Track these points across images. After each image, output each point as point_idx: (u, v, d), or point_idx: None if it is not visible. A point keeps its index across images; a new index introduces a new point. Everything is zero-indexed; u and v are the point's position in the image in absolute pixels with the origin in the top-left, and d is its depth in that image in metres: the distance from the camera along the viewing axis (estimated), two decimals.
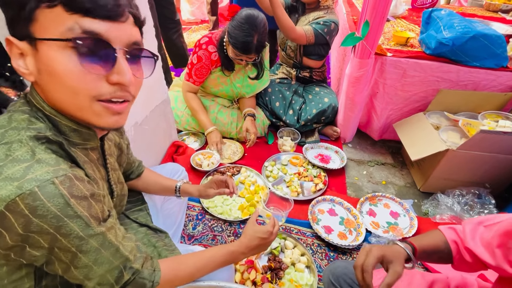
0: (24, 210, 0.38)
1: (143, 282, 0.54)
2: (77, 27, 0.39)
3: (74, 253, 0.43)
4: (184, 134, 1.71)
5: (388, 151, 1.76)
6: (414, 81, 1.49)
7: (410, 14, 2.32)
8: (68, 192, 0.41)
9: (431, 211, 1.35)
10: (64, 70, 0.41)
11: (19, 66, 0.43)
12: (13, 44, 0.41)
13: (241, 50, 1.34)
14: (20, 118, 0.44)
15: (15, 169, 0.39)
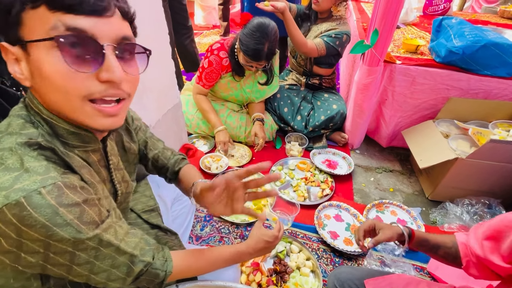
0: (12, 220, 0.38)
1: (156, 272, 0.56)
2: (60, 25, 0.39)
3: (71, 253, 0.44)
4: (194, 137, 1.76)
5: (396, 158, 1.75)
6: (423, 89, 1.48)
7: (421, 21, 2.31)
8: (56, 201, 0.40)
9: (440, 220, 1.34)
10: (52, 70, 0.40)
11: (15, 72, 0.43)
12: (8, 50, 0.42)
13: (252, 57, 1.38)
14: (15, 123, 0.44)
15: (5, 178, 0.39)
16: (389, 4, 1.25)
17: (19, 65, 0.43)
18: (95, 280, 0.49)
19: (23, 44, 0.41)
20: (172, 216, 1.08)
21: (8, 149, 0.41)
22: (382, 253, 1.15)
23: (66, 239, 0.42)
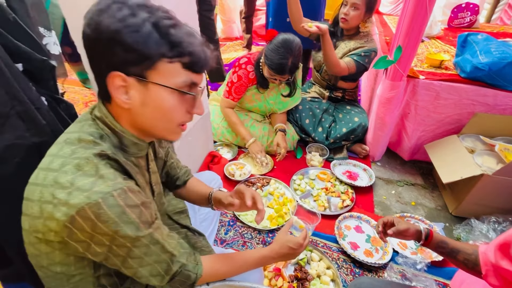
0: (91, 216, 0.47)
1: (188, 274, 0.63)
2: (188, 80, 0.54)
3: (129, 247, 0.53)
4: (218, 145, 1.85)
5: (419, 172, 1.74)
6: (447, 104, 1.49)
7: (446, 34, 2.29)
8: (124, 202, 0.50)
9: (464, 237, 1.32)
10: (170, 107, 0.55)
11: (119, 96, 0.53)
12: (119, 78, 0.50)
13: (276, 71, 1.45)
14: (87, 139, 0.54)
15: (84, 181, 0.48)
16: (414, 19, 1.28)
17: (127, 93, 0.53)
18: (140, 274, 0.57)
19: (144, 80, 0.52)
20: (200, 219, 1.15)
21: (85, 158, 0.50)
22: (403, 266, 1.15)
23: (128, 235, 0.51)
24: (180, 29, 0.52)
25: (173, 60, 0.51)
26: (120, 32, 0.48)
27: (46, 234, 0.50)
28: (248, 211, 0.97)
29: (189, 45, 0.52)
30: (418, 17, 1.27)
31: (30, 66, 0.76)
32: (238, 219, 1.36)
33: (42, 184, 0.50)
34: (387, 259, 1.18)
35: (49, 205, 0.48)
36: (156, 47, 0.49)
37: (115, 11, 0.48)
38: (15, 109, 0.66)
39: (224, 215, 1.40)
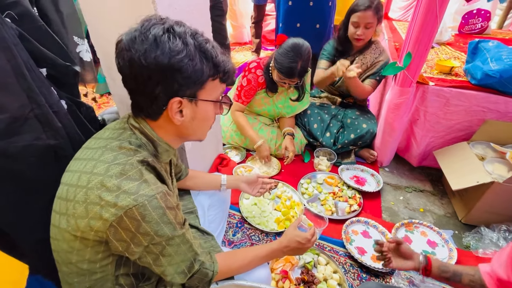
0: (137, 217, 0.52)
1: (206, 271, 0.67)
2: (221, 91, 0.66)
3: (163, 245, 0.58)
4: (227, 148, 1.87)
5: (428, 178, 1.73)
6: (457, 110, 1.48)
7: (457, 40, 2.28)
8: (165, 204, 0.56)
9: (473, 245, 1.30)
10: (212, 116, 0.67)
11: (176, 116, 0.60)
12: (177, 102, 0.58)
13: (285, 74, 1.47)
14: (128, 147, 0.60)
15: (130, 185, 0.54)
16: (424, 26, 1.29)
17: (181, 113, 0.61)
18: (168, 271, 0.61)
19: (194, 99, 0.61)
20: (208, 220, 1.18)
21: (129, 164, 0.57)
22: (411, 272, 1.15)
23: (165, 234, 0.56)
24: (216, 49, 0.60)
25: (215, 77, 0.61)
26: (180, 63, 0.54)
27: (86, 233, 0.55)
28: None
29: (225, 63, 0.61)
30: (428, 24, 1.28)
31: (54, 71, 0.80)
32: (246, 221, 1.38)
33: (87, 187, 0.54)
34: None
35: (96, 206, 0.52)
36: (206, 71, 0.58)
37: (169, 43, 0.54)
38: (34, 112, 0.70)
39: (232, 217, 1.42)
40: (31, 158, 0.71)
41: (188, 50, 0.55)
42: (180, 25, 0.58)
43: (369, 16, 1.52)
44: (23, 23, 0.72)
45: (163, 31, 0.54)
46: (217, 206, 1.20)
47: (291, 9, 2.06)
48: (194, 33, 0.59)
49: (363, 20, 1.54)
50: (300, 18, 2.06)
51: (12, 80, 0.64)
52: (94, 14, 0.93)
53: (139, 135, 0.63)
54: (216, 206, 1.20)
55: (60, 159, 0.76)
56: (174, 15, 0.94)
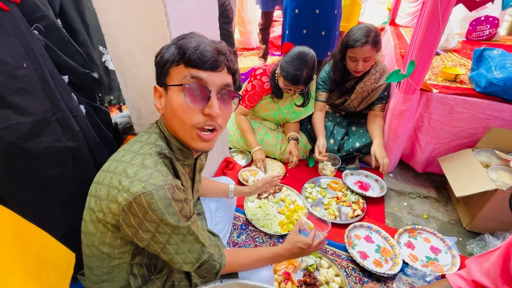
0: (144, 203, 0.56)
1: (214, 263, 0.71)
2: (188, 75, 0.61)
3: (169, 234, 0.61)
4: (233, 151, 1.92)
5: (432, 184, 1.73)
6: (462, 117, 1.49)
7: (463, 47, 2.28)
8: (171, 196, 0.59)
9: (477, 252, 1.30)
10: (177, 105, 0.62)
11: (157, 103, 0.66)
12: (157, 89, 0.66)
13: (291, 82, 1.52)
14: (153, 137, 0.67)
15: (144, 173, 0.58)
16: (427, 35, 1.31)
17: (160, 100, 0.66)
18: (176, 260, 0.65)
19: (166, 86, 0.64)
20: (215, 221, 1.22)
21: (149, 154, 0.62)
22: (413, 278, 1.16)
23: (170, 224, 0.59)
24: (192, 38, 0.62)
25: (179, 63, 0.61)
26: (156, 57, 0.65)
27: (107, 215, 0.60)
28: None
29: (189, 46, 0.60)
30: (431, 32, 1.30)
31: (75, 78, 0.87)
32: (250, 223, 1.41)
33: (113, 171, 0.60)
34: (396, 270, 1.18)
35: (115, 190, 0.57)
36: (169, 57, 0.62)
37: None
38: (55, 116, 0.76)
39: (237, 219, 1.45)
40: (51, 158, 0.77)
41: (168, 45, 0.63)
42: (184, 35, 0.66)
43: (367, 51, 1.48)
44: (49, 35, 0.79)
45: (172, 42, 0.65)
46: (223, 209, 1.25)
47: (298, 16, 2.11)
48: (189, 34, 0.65)
49: (361, 55, 1.50)
50: (306, 25, 2.11)
51: (38, 87, 0.70)
52: (110, 26, 1.00)
53: (159, 129, 0.69)
54: (223, 209, 1.25)
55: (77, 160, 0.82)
56: (185, 26, 1.01)
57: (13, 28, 0.65)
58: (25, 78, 0.67)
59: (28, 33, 0.69)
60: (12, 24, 0.65)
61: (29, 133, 0.70)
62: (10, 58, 0.64)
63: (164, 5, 0.87)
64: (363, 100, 1.77)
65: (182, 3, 0.96)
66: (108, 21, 0.99)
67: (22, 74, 0.66)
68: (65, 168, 0.80)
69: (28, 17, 0.74)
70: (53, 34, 0.81)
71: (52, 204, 0.81)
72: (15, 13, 0.66)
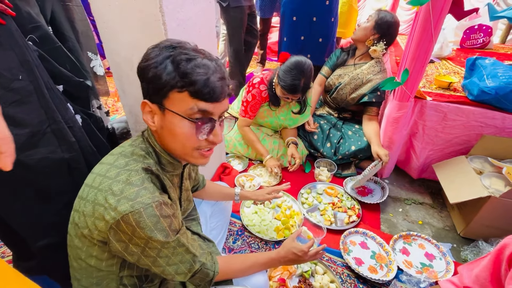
0: (132, 222, 0.56)
1: (207, 271, 0.71)
2: (195, 107, 0.59)
3: (159, 249, 0.62)
4: (229, 157, 1.93)
5: (427, 190, 1.75)
6: (455, 125, 1.51)
7: (458, 55, 2.32)
8: (159, 213, 0.59)
9: (471, 259, 1.31)
10: (181, 133, 0.61)
11: (148, 119, 0.64)
12: (147, 105, 0.62)
13: (288, 91, 1.53)
14: (139, 153, 0.65)
15: (130, 191, 0.57)
16: (420, 44, 1.33)
17: (153, 117, 0.64)
18: (168, 271, 0.66)
19: (163, 108, 0.61)
20: (210, 227, 1.22)
21: (135, 170, 0.61)
22: (407, 284, 1.16)
23: (159, 240, 0.60)
24: (192, 62, 0.58)
25: (182, 90, 0.58)
26: (145, 69, 0.59)
27: (92, 232, 0.59)
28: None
29: (196, 75, 0.57)
30: (424, 41, 1.32)
31: (69, 87, 0.88)
32: (246, 229, 1.42)
33: (98, 188, 0.59)
34: (391, 276, 1.19)
35: (101, 207, 0.57)
36: (168, 79, 0.57)
37: (149, 51, 0.61)
38: (51, 127, 0.76)
39: (233, 224, 1.46)
40: (46, 169, 0.76)
41: (157, 58, 0.58)
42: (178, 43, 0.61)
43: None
44: (43, 45, 0.79)
45: (153, 47, 0.61)
46: (219, 214, 1.25)
47: (295, 24, 2.15)
48: (180, 47, 0.60)
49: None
50: (304, 32, 2.15)
51: (33, 99, 0.70)
52: (110, 34, 1.01)
53: (147, 144, 0.68)
54: (218, 214, 1.25)
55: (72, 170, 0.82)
56: (182, 34, 1.02)
57: (9, 40, 0.65)
58: (20, 90, 0.67)
59: (24, 45, 0.69)
60: (8, 37, 0.65)
61: (25, 144, 0.70)
62: (5, 71, 0.64)
63: (162, 15, 0.89)
64: (355, 88, 1.79)
65: (180, 12, 0.98)
66: (107, 29, 1.01)
67: (18, 86, 0.66)
68: (60, 179, 0.79)
69: (23, 28, 0.74)
70: (47, 44, 0.81)
71: (47, 213, 0.80)
72: (11, 25, 0.66)
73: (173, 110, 0.60)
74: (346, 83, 1.82)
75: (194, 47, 0.62)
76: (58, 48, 0.85)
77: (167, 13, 0.91)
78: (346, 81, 1.82)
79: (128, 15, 0.93)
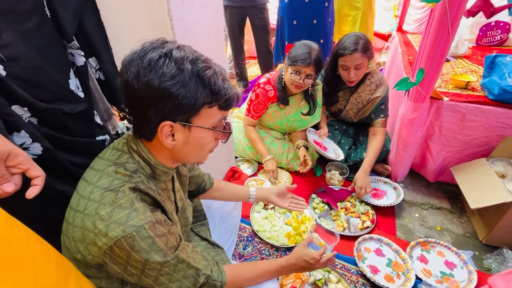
0: (126, 247, 0.54)
1: (214, 283, 0.69)
2: (221, 117, 0.64)
3: (159, 269, 0.60)
4: (239, 161, 1.91)
5: (445, 195, 1.67)
6: (475, 126, 1.44)
7: (474, 53, 2.24)
8: (153, 233, 0.57)
9: (495, 268, 1.24)
10: (208, 142, 0.65)
11: (166, 140, 0.59)
12: (168, 125, 0.57)
13: (301, 61, 1.45)
14: (123, 173, 0.59)
15: (120, 215, 0.54)
16: (436, 42, 1.28)
17: (173, 137, 0.60)
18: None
19: (190, 125, 0.59)
20: (219, 232, 1.20)
21: (122, 191, 0.57)
22: None
23: (157, 261, 0.58)
24: (216, 76, 0.58)
25: (212, 104, 0.60)
26: (171, 89, 0.53)
27: (86, 257, 0.58)
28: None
29: (225, 90, 0.60)
30: (440, 40, 1.27)
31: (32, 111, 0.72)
32: (256, 235, 1.39)
33: (84, 212, 0.56)
34: (409, 286, 1.13)
35: (91, 233, 0.55)
36: (201, 98, 0.57)
37: (163, 68, 0.53)
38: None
39: (243, 230, 1.43)
40: None
41: (183, 76, 0.53)
42: (181, 49, 0.56)
43: (357, 58, 1.46)
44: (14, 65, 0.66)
45: (159, 55, 0.53)
46: (228, 219, 1.23)
47: (296, 27, 2.21)
48: (194, 58, 0.56)
49: (352, 63, 1.49)
50: (304, 35, 2.12)
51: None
52: (117, 38, 1.02)
53: (136, 158, 0.63)
54: (227, 219, 1.22)
55: None
56: (191, 39, 1.01)
57: None
58: None
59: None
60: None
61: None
62: None
63: (170, 19, 0.89)
64: (359, 111, 1.72)
65: (188, 16, 0.98)
66: (116, 35, 1.01)
67: None
68: None
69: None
70: (18, 64, 0.67)
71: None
72: None
73: (203, 126, 0.61)
74: (348, 109, 1.76)
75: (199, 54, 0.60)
76: (34, 68, 0.71)
77: (175, 17, 0.90)
78: (347, 108, 1.75)
79: (137, 20, 0.93)
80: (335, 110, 1.85)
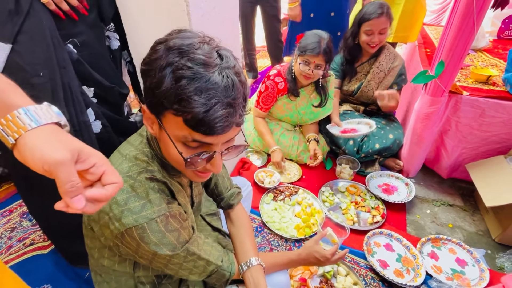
0: (136, 237, 0.54)
1: (223, 273, 0.70)
2: (189, 137, 0.49)
3: (168, 259, 0.60)
4: (249, 152, 1.90)
5: (458, 192, 1.64)
6: (494, 122, 1.39)
7: (495, 47, 2.15)
8: (164, 228, 0.56)
9: (508, 267, 1.22)
10: (174, 153, 0.52)
11: (148, 124, 0.56)
12: (146, 112, 0.53)
13: (310, 50, 1.42)
14: (142, 158, 0.58)
15: (135, 204, 0.54)
16: (460, 33, 1.22)
17: (152, 125, 0.55)
18: (181, 273, 0.65)
19: (160, 124, 0.52)
20: None
21: (139, 181, 0.56)
22: None
23: (167, 254, 0.58)
24: (196, 82, 0.45)
25: (177, 113, 0.47)
26: (144, 73, 0.49)
27: (99, 236, 0.59)
28: None
29: (194, 104, 0.45)
30: (464, 31, 1.22)
31: (100, 91, 0.89)
32: (266, 226, 1.39)
33: None
34: (419, 281, 1.13)
35: (106, 215, 0.55)
36: (164, 95, 0.47)
37: (152, 51, 0.50)
38: None
39: (253, 221, 1.43)
40: None
41: (161, 63, 0.47)
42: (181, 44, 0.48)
43: (382, 22, 1.53)
44: (83, 49, 0.81)
45: (159, 41, 0.50)
46: None
47: (313, 20, 2.15)
48: (188, 53, 0.47)
49: (377, 28, 1.55)
50: (322, 28, 2.07)
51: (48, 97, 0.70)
52: (133, 24, 1.00)
53: (150, 148, 0.62)
54: None
55: None
56: (206, 25, 0.99)
57: (39, 37, 0.67)
58: (38, 86, 0.68)
59: (54, 44, 0.70)
60: (39, 33, 0.67)
61: None
62: (28, 65, 0.66)
63: (186, 4, 0.87)
64: (381, 81, 1.74)
65: (204, 1, 0.95)
66: (131, 21, 1.00)
67: (36, 82, 0.68)
68: None
69: (66, 31, 0.76)
70: (87, 49, 0.83)
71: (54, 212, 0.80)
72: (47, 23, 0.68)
73: (167, 132, 0.51)
74: (369, 79, 1.74)
75: (208, 52, 0.48)
76: (97, 54, 0.87)
77: (191, 2, 0.88)
78: (368, 78, 1.74)
79: (153, 6, 0.91)
80: (352, 90, 1.83)
